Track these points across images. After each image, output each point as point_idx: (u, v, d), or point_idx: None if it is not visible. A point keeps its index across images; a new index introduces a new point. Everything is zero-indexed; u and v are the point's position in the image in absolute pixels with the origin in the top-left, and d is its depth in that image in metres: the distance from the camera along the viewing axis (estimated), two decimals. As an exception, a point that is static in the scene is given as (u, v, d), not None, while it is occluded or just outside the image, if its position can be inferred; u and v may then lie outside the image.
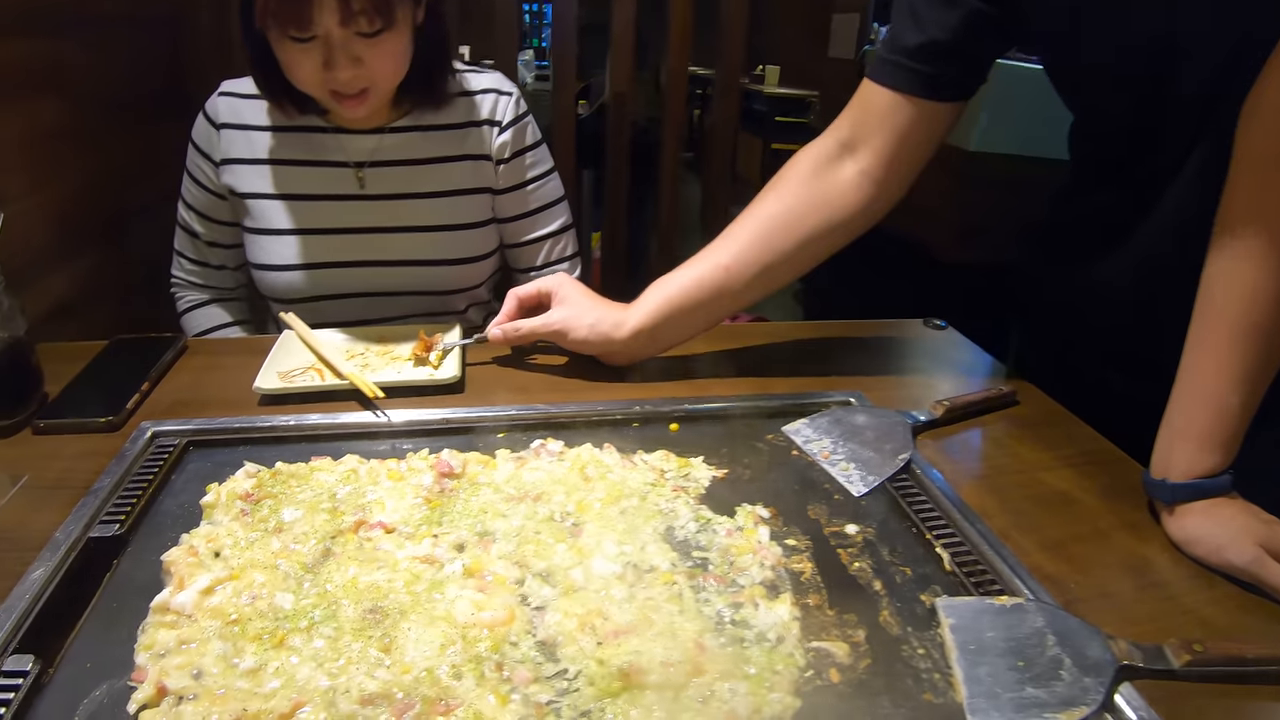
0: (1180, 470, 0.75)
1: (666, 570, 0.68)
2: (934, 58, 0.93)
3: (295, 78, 1.11)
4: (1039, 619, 0.63)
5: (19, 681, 0.56)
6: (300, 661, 0.57)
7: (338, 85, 1.10)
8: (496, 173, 1.32)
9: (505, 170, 1.32)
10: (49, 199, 1.35)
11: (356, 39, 1.07)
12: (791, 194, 1.02)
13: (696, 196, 2.43)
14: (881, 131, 0.98)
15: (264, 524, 0.72)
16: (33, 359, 0.95)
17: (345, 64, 1.07)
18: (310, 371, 0.98)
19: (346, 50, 1.07)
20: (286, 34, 1.05)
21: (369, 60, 1.09)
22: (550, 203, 1.39)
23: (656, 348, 1.04)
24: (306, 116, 1.24)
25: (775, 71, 6.74)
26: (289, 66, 1.09)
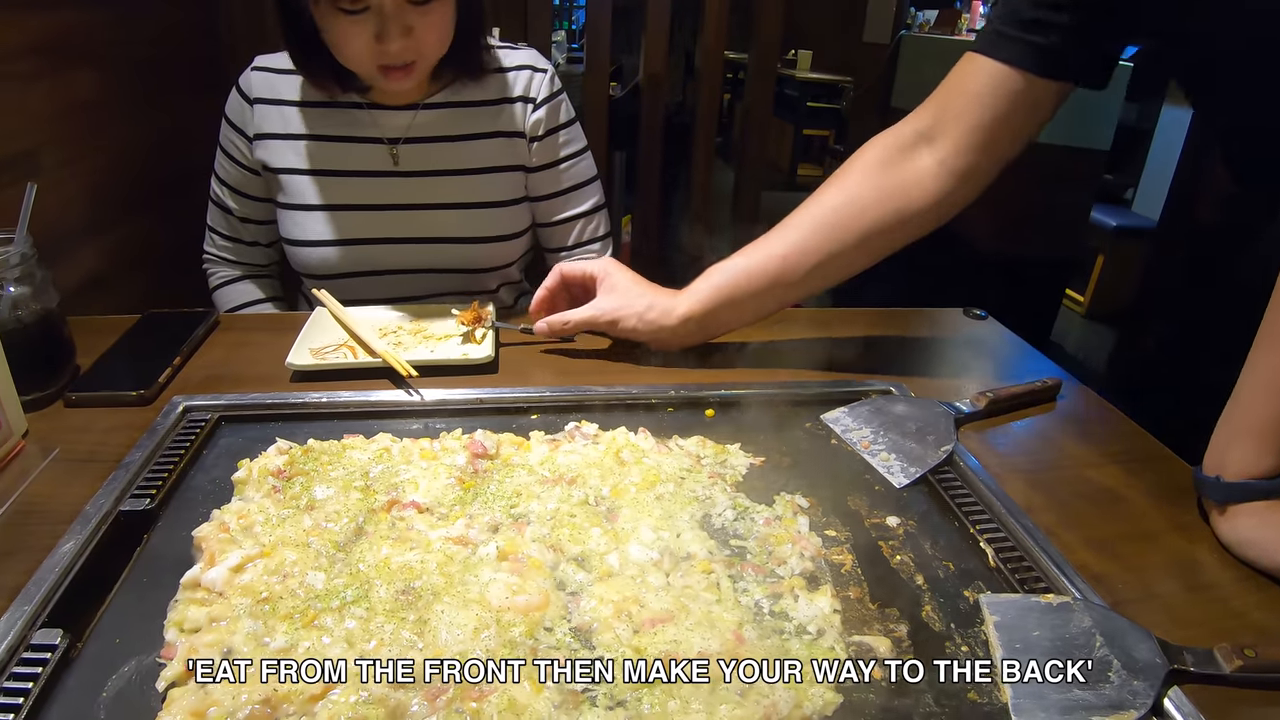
0: (1235, 469, 0.72)
1: (704, 558, 0.66)
2: (1050, 29, 0.85)
3: (345, 53, 1.10)
4: (1086, 619, 0.61)
5: (47, 656, 0.56)
6: (332, 642, 0.56)
7: (388, 58, 1.09)
8: (530, 150, 1.30)
9: (539, 147, 1.31)
10: (82, 171, 1.35)
11: (407, 8, 1.06)
12: (857, 184, 0.96)
13: (726, 182, 2.40)
14: (973, 113, 0.91)
15: (296, 501, 0.71)
16: (65, 331, 0.94)
17: (397, 34, 1.07)
18: (343, 349, 0.97)
19: (398, 20, 1.06)
20: (338, 7, 1.04)
21: (419, 30, 1.09)
22: (583, 182, 1.37)
23: (705, 335, 1.01)
24: (339, 97, 1.22)
25: (808, 56, 6.66)
26: (339, 42, 1.08)
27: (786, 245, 0.97)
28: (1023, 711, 0.55)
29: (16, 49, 1.19)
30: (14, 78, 1.18)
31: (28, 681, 0.54)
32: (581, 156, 1.37)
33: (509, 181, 1.30)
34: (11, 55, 1.18)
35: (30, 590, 0.61)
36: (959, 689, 0.57)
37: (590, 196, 1.39)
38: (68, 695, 0.55)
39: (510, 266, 1.35)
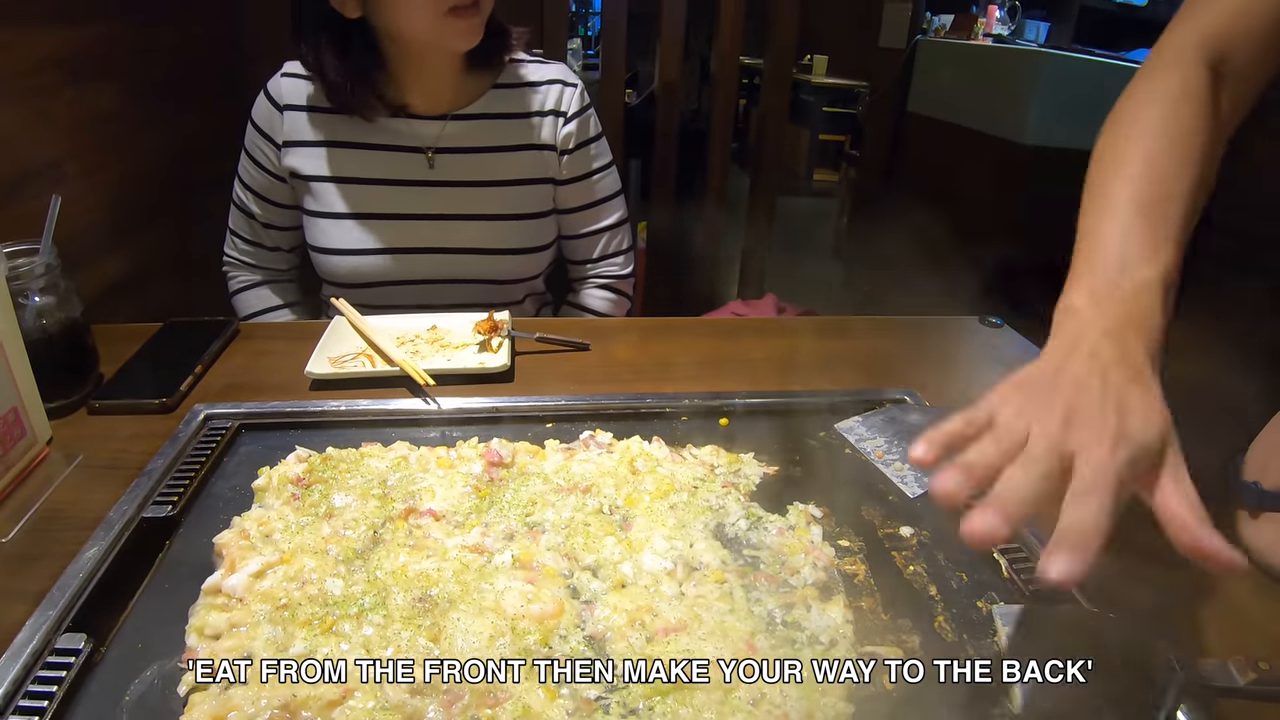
0: (1277, 479, 0.71)
1: (717, 568, 0.67)
2: None
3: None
4: (1101, 630, 0.61)
5: (71, 660, 0.57)
6: (350, 649, 0.57)
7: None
8: (560, 163, 1.31)
9: (569, 161, 1.31)
10: (104, 181, 1.37)
11: None
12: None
13: (741, 187, 2.41)
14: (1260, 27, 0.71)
15: (315, 509, 0.72)
16: (88, 340, 0.96)
17: None
18: (361, 357, 0.98)
19: None
20: None
21: None
22: (609, 195, 1.38)
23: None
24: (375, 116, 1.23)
25: (823, 61, 6.66)
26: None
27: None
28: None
29: (40, 62, 1.21)
30: (38, 91, 1.21)
31: (52, 685, 0.55)
32: (608, 170, 1.38)
33: (538, 194, 1.31)
34: (35, 69, 1.20)
35: (55, 595, 0.62)
36: (969, 700, 0.57)
37: (615, 210, 1.40)
38: (91, 699, 0.56)
39: (536, 278, 1.36)
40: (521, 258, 1.30)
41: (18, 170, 1.15)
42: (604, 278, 1.42)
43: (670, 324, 1.17)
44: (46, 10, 1.22)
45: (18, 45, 1.16)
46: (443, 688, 0.54)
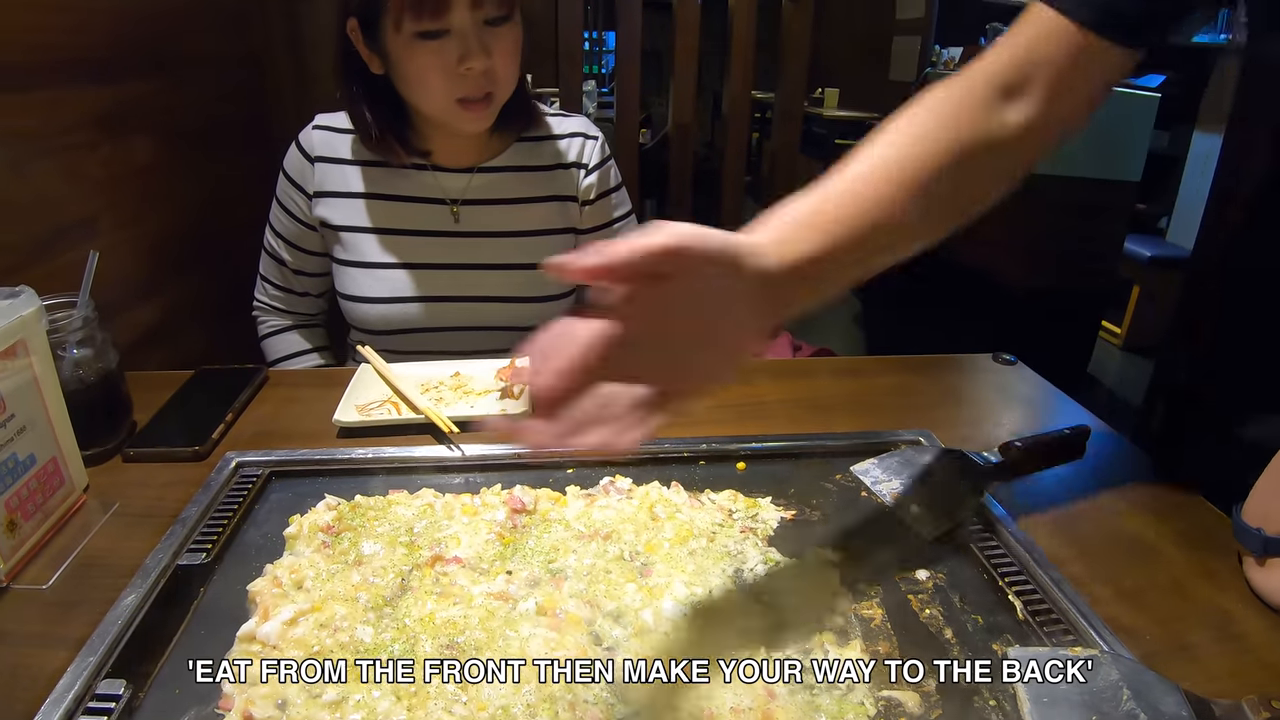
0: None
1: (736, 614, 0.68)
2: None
3: (428, 86, 1.13)
4: (1114, 672, 0.61)
5: (111, 705, 0.59)
6: (380, 695, 0.59)
7: (467, 87, 1.13)
8: (581, 214, 1.35)
9: (590, 211, 1.36)
10: (138, 234, 1.42)
11: (485, 29, 1.11)
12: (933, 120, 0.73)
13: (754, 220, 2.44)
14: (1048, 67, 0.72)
15: (344, 556, 0.74)
16: (123, 389, 0.99)
17: (478, 53, 1.11)
18: (386, 405, 1.01)
19: (478, 39, 1.11)
20: (420, 28, 1.08)
21: (496, 52, 1.13)
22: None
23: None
24: (400, 161, 1.27)
25: (834, 94, 6.72)
26: (421, 74, 1.12)
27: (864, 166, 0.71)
28: (1051, 765, 0.56)
29: (77, 121, 1.26)
30: (75, 148, 1.25)
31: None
32: (628, 218, 1.42)
33: (560, 243, 1.34)
34: (73, 127, 1.25)
35: (94, 642, 0.64)
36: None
37: None
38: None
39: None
40: (544, 305, 1.33)
41: (55, 225, 1.20)
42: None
43: (686, 367, 1.19)
44: (85, 71, 1.27)
45: (58, 105, 1.21)
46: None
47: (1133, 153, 3.53)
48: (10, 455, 0.76)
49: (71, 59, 1.25)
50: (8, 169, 1.11)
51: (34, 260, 1.15)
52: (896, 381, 1.17)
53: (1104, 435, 1.01)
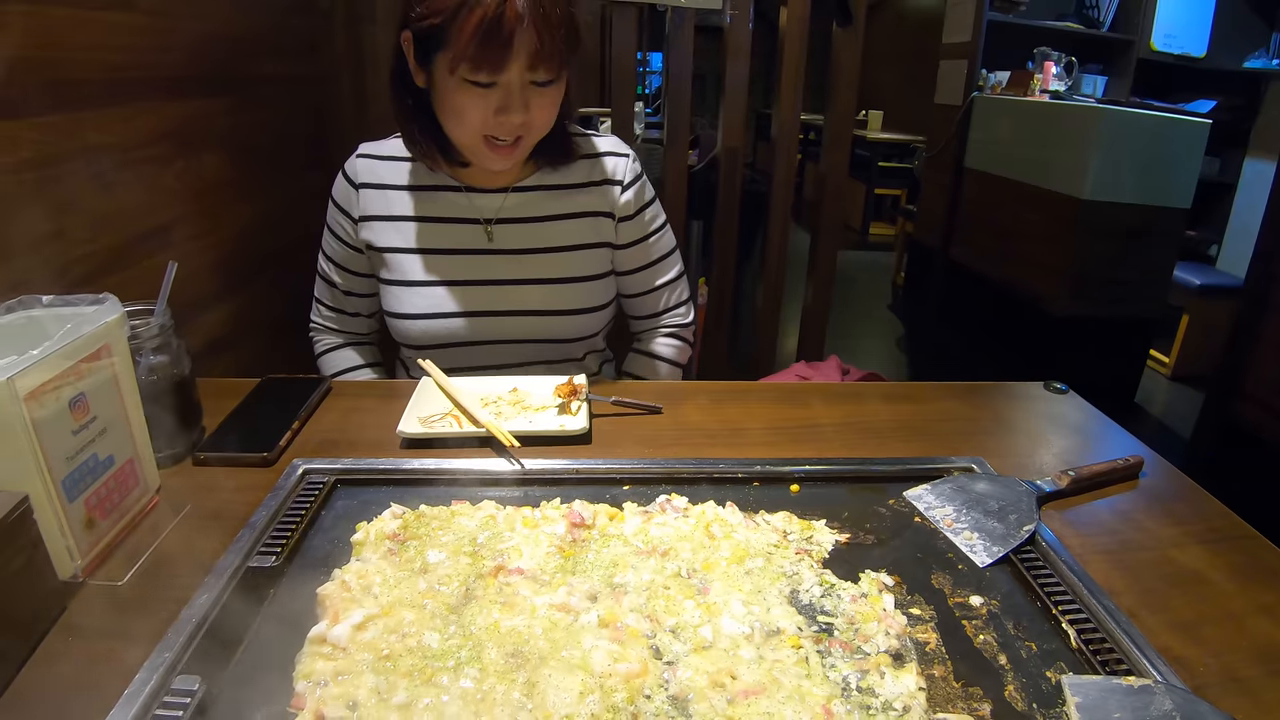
0: None
1: (793, 634, 0.69)
2: None
3: (464, 121, 1.17)
4: (1167, 702, 0.62)
5: (186, 700, 0.62)
6: (449, 700, 0.61)
7: (500, 131, 1.17)
8: (617, 230, 1.38)
9: (626, 227, 1.39)
10: (210, 244, 1.47)
11: (531, 87, 1.15)
12: None
13: (798, 240, 2.44)
14: None
15: (410, 564, 0.76)
16: (195, 394, 1.03)
17: (518, 108, 1.15)
18: (448, 418, 1.04)
19: (521, 96, 1.15)
20: (475, 79, 1.12)
21: (535, 108, 1.17)
22: (668, 253, 1.46)
23: None
24: (438, 175, 1.32)
25: (878, 116, 6.73)
26: (460, 111, 1.16)
27: None
28: (1107, 794, 0.56)
29: (154, 135, 1.31)
30: (153, 160, 1.31)
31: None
32: (664, 230, 1.45)
33: (596, 257, 1.37)
34: (151, 140, 1.30)
35: (170, 638, 0.67)
36: (1045, 772, 0.59)
37: (674, 265, 1.47)
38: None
39: (596, 336, 1.42)
40: (580, 317, 1.36)
41: (132, 235, 1.25)
42: (668, 326, 1.50)
43: (739, 388, 1.20)
44: (160, 89, 1.32)
45: (136, 120, 1.26)
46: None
47: (1183, 178, 3.49)
48: (91, 455, 0.80)
49: (148, 78, 1.30)
50: (91, 180, 1.16)
51: (111, 268, 1.20)
52: (948, 407, 1.17)
53: (1157, 466, 1.01)
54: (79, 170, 1.14)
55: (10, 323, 0.84)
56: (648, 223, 1.41)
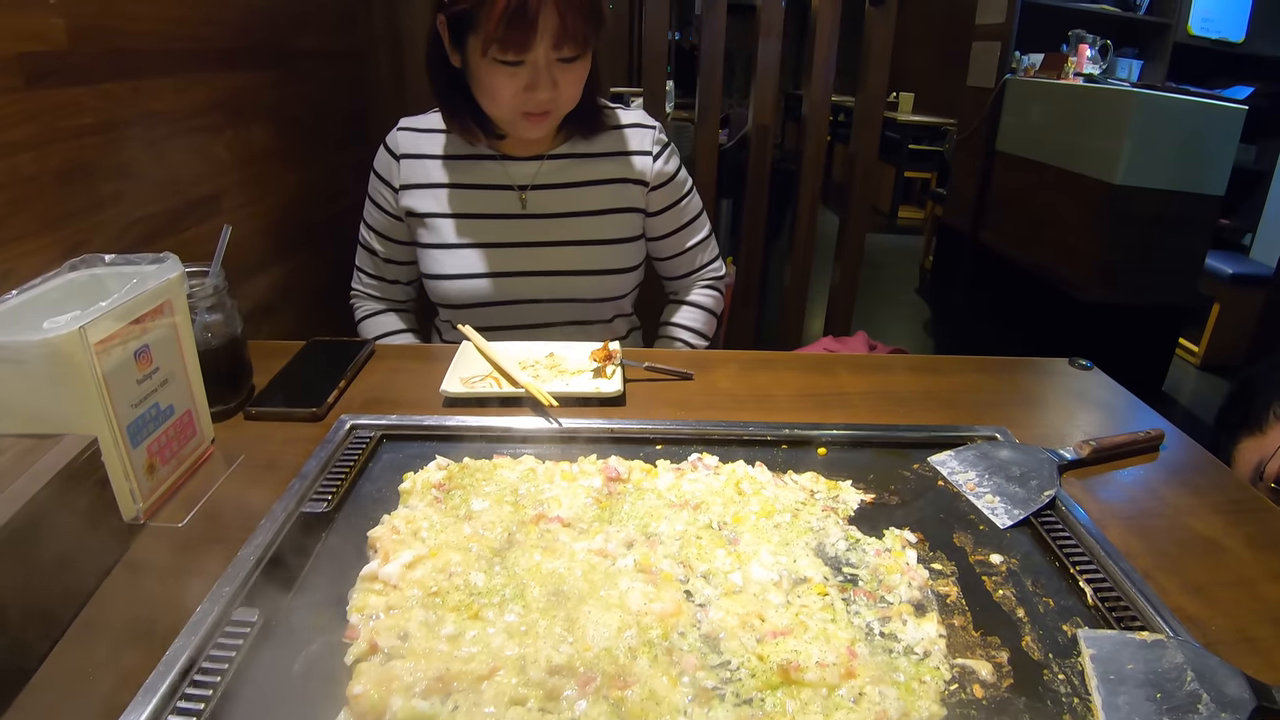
0: None
1: (819, 582, 0.73)
2: None
3: (497, 99, 1.25)
4: (1179, 655, 0.64)
5: (247, 629, 0.66)
6: (495, 633, 0.65)
7: (531, 105, 1.24)
8: (647, 197, 1.44)
9: (656, 194, 1.45)
10: (258, 212, 1.52)
11: (558, 64, 1.22)
12: None
13: (826, 223, 2.46)
14: None
15: (455, 511, 0.81)
16: (245, 354, 1.08)
17: (546, 85, 1.22)
18: (488, 379, 1.08)
19: (549, 73, 1.22)
20: (504, 59, 1.19)
21: (562, 83, 1.24)
22: (697, 214, 1.53)
23: None
24: (476, 145, 1.37)
25: (909, 98, 6.68)
26: (492, 90, 1.23)
27: None
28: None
29: (205, 105, 1.35)
30: (204, 130, 1.35)
31: (231, 651, 0.64)
32: (692, 194, 1.52)
33: (624, 222, 1.43)
34: (202, 110, 1.34)
35: (230, 574, 0.71)
36: (1055, 712, 0.62)
37: (704, 226, 1.54)
38: (265, 665, 0.64)
39: (623, 299, 1.48)
40: (608, 278, 1.43)
41: (185, 201, 1.30)
42: (705, 280, 1.57)
43: (768, 357, 1.23)
44: (210, 60, 1.37)
45: (189, 89, 1.31)
46: (580, 669, 0.61)
47: (1217, 165, 3.45)
48: (153, 405, 0.84)
49: (199, 49, 1.34)
50: (147, 147, 1.21)
51: (167, 232, 1.25)
52: (973, 380, 1.20)
53: (1177, 440, 1.03)
54: (137, 137, 1.18)
55: (74, 280, 0.89)
56: (678, 188, 1.47)
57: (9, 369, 0.73)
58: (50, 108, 1.03)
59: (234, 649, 0.64)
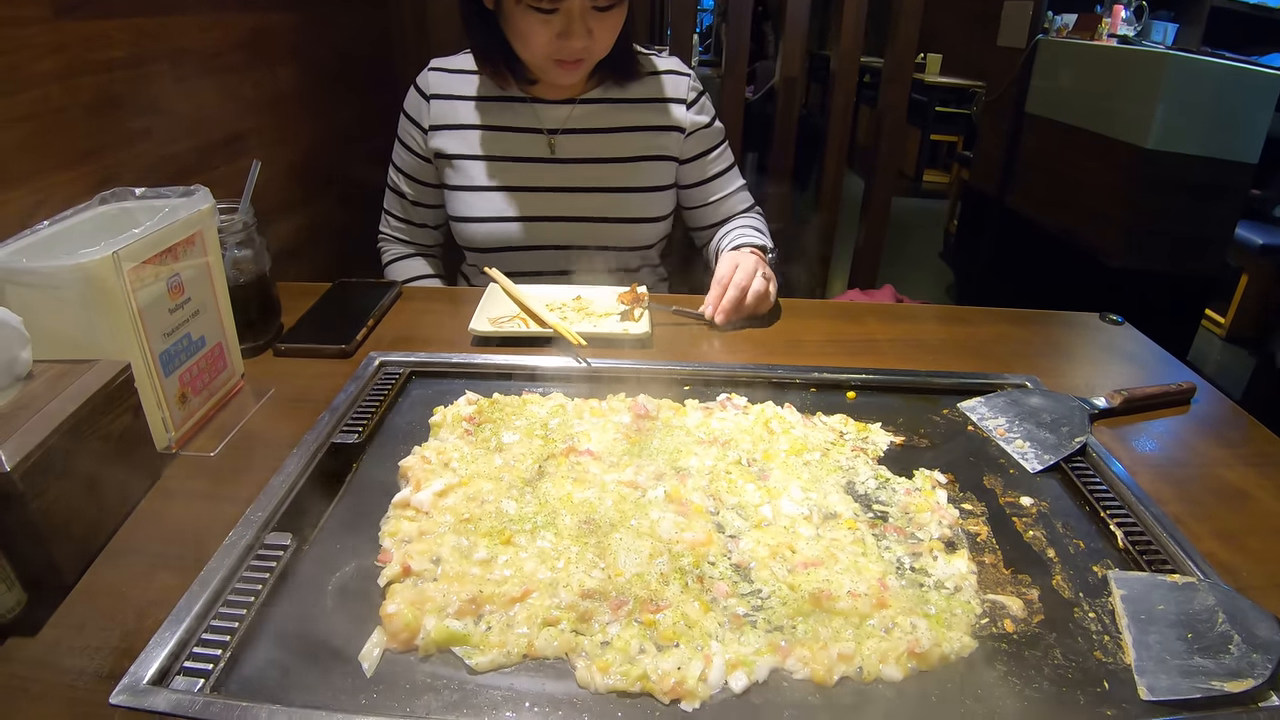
0: None
1: (849, 517, 0.73)
2: None
3: (529, 45, 1.22)
4: (1210, 598, 0.64)
5: (280, 553, 0.67)
6: (527, 557, 0.66)
7: (565, 53, 1.22)
8: (682, 144, 1.42)
9: (691, 141, 1.42)
10: (284, 154, 1.52)
11: (592, 12, 1.19)
12: None
13: (850, 185, 2.42)
14: None
15: (486, 444, 0.81)
16: (274, 291, 1.08)
17: (580, 33, 1.20)
18: (516, 320, 1.08)
19: (582, 21, 1.19)
20: (536, 6, 1.17)
21: (597, 32, 1.21)
22: (729, 166, 1.50)
23: None
24: (507, 88, 1.35)
25: (937, 60, 6.55)
26: (525, 35, 1.21)
27: None
28: (1145, 673, 0.59)
29: (232, 43, 1.35)
30: (231, 69, 1.35)
31: (264, 573, 0.64)
32: (725, 144, 1.49)
33: (657, 170, 1.41)
34: (230, 48, 1.34)
35: (263, 500, 0.72)
36: (1085, 648, 0.62)
37: (736, 179, 1.51)
38: (299, 586, 0.65)
39: (652, 249, 1.46)
40: (638, 226, 1.41)
41: (213, 139, 1.30)
42: (743, 223, 1.50)
43: (797, 304, 1.23)
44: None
45: (216, 28, 1.30)
46: (612, 594, 0.62)
47: (1250, 133, 3.36)
48: (185, 335, 0.85)
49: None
50: (175, 83, 1.20)
51: (196, 169, 1.25)
52: (1002, 331, 1.18)
53: (1209, 394, 1.02)
54: (165, 73, 1.18)
55: (105, 212, 0.89)
56: (712, 135, 1.45)
57: (43, 295, 0.73)
58: (79, 39, 1.03)
59: (267, 570, 0.65)
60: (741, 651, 0.58)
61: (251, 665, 0.58)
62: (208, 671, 0.56)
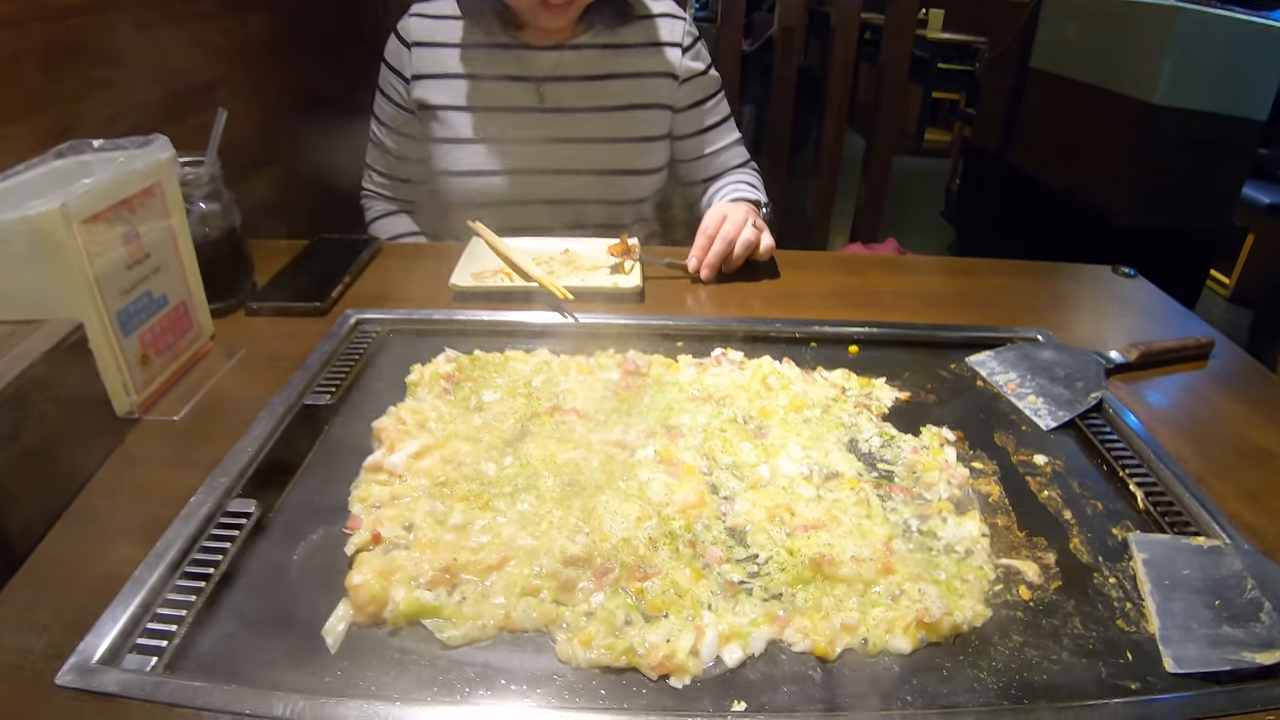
0: None
1: (853, 477, 0.68)
2: None
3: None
4: (1237, 562, 0.60)
5: (243, 521, 0.63)
6: (506, 522, 0.61)
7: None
8: (676, 91, 1.35)
9: (686, 89, 1.35)
10: (253, 107, 1.45)
11: None
12: None
13: (850, 143, 2.36)
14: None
15: (465, 403, 0.76)
16: (245, 248, 1.02)
17: None
18: (500, 274, 1.02)
19: None
20: None
21: None
22: (725, 117, 1.43)
23: None
24: (492, 33, 1.28)
25: (939, 16, 6.43)
26: None
27: None
28: (1170, 642, 0.55)
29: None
30: (199, 16, 1.28)
31: (226, 542, 0.60)
32: (721, 94, 1.42)
33: (653, 118, 1.35)
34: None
35: (226, 465, 0.68)
36: (1106, 616, 0.57)
37: (732, 130, 1.44)
38: (263, 556, 0.61)
39: (645, 202, 1.40)
40: (632, 179, 1.35)
41: (179, 90, 1.23)
42: (737, 178, 1.44)
43: (797, 257, 1.17)
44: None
45: (181, -30, 1.23)
46: (596, 560, 0.57)
47: (1259, 89, 3.29)
48: (145, 293, 0.80)
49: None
50: (137, 30, 1.14)
51: (160, 121, 1.18)
52: (1010, 284, 1.14)
53: (1228, 348, 0.97)
54: (126, 19, 1.11)
55: (61, 166, 0.83)
56: (708, 84, 1.38)
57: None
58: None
59: (229, 540, 0.61)
60: (736, 622, 0.54)
61: (209, 641, 0.53)
62: (162, 649, 0.52)
